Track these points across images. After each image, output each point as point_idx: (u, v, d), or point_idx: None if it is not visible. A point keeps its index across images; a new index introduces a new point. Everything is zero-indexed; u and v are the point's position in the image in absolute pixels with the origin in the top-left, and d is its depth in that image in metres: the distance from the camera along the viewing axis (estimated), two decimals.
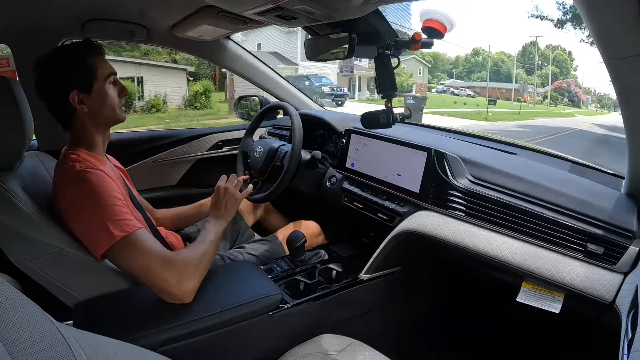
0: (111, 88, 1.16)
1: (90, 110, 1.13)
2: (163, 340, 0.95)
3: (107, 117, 1.17)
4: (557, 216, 1.04)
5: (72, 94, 1.10)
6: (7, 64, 1.59)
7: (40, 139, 1.66)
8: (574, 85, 55.27)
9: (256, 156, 1.79)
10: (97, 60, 1.14)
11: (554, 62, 59.11)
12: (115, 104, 1.17)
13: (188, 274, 1.02)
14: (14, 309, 0.41)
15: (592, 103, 53.90)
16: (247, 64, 2.05)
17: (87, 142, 1.16)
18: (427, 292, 1.63)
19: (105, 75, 1.14)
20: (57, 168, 1.10)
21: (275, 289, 1.15)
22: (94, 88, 1.12)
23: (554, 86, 51.92)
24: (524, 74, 58.17)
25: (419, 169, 1.32)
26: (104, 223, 0.98)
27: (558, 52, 62.61)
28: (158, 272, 0.99)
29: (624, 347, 0.66)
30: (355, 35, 1.24)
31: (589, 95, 57.08)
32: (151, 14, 1.45)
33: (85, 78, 1.11)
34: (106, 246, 0.98)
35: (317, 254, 1.54)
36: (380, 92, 1.11)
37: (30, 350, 0.39)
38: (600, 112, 45.75)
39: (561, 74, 59.30)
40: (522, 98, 39.55)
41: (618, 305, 0.87)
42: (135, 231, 1.01)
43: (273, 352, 1.13)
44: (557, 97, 52.54)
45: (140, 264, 0.99)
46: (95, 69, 1.13)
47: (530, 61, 61.30)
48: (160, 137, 2.04)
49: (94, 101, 1.13)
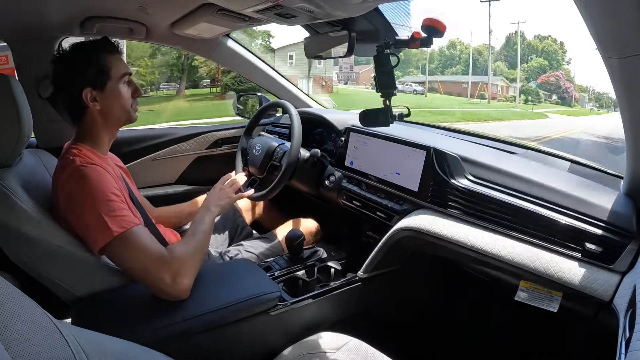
0: (125, 88, 1.17)
1: (103, 109, 1.14)
2: (162, 338, 0.95)
3: (118, 116, 1.17)
4: (555, 215, 1.04)
5: (86, 91, 1.10)
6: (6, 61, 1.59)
7: (39, 137, 1.66)
8: (564, 79, 48.61)
9: (255, 154, 1.79)
10: (112, 59, 1.15)
11: (542, 54, 53.00)
12: (127, 104, 1.18)
13: (183, 273, 1.02)
14: (12, 306, 0.41)
15: (590, 102, 48.79)
16: (247, 62, 2.05)
17: (93, 139, 1.16)
18: (425, 291, 1.63)
19: (119, 75, 1.15)
20: (59, 162, 1.11)
21: (273, 286, 1.15)
22: (107, 86, 1.13)
23: (540, 80, 47.19)
24: (506, 67, 51.60)
25: (418, 168, 1.32)
26: (101, 218, 0.98)
27: (547, 43, 55.72)
28: (153, 272, 1.00)
29: (622, 347, 0.67)
30: (354, 34, 1.24)
31: (586, 93, 50.50)
32: (150, 11, 1.44)
33: (99, 76, 1.12)
34: (103, 241, 0.98)
35: (315, 252, 1.54)
36: (379, 91, 1.11)
37: (29, 348, 0.39)
38: (596, 112, 40.95)
39: (551, 67, 52.31)
40: (489, 94, 34.15)
41: (616, 305, 0.88)
42: (132, 228, 1.01)
43: (272, 349, 1.13)
44: (541, 94, 46.07)
45: (136, 262, 1.00)
46: (109, 67, 1.13)
47: (514, 53, 53.06)
48: (160, 134, 2.04)
49: (107, 99, 1.14)
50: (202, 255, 1.11)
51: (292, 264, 1.45)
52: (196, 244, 1.11)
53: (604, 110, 43.83)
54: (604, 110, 43.83)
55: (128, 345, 0.57)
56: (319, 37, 1.37)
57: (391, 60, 1.09)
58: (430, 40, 1.07)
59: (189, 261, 1.05)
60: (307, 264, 1.44)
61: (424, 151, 1.31)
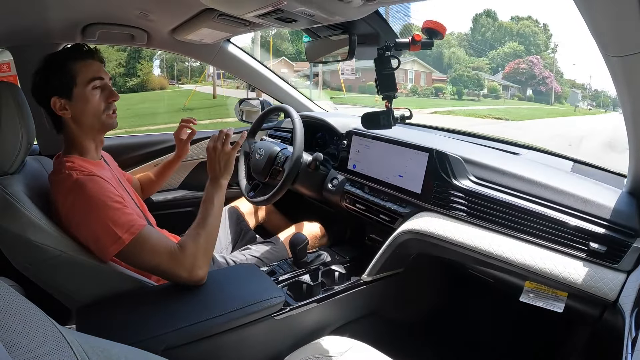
0: (94, 93, 1.13)
1: (74, 116, 1.12)
2: (166, 344, 0.94)
3: (91, 123, 1.14)
4: (559, 215, 1.04)
5: (53, 99, 1.09)
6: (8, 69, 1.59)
7: (41, 143, 1.67)
8: (540, 65, 36.61)
9: (257, 159, 1.79)
10: (80, 65, 1.12)
11: (516, 37, 42.00)
12: (98, 110, 1.14)
13: (197, 265, 1.05)
14: (16, 313, 0.41)
15: (585, 99, 38.20)
16: (248, 67, 2.06)
17: (79, 148, 1.15)
18: (430, 294, 1.63)
19: (86, 81, 1.12)
20: (53, 176, 1.10)
21: (278, 291, 1.15)
22: (74, 93, 1.11)
23: (508, 69, 36.96)
24: (464, 54, 41.45)
25: (421, 170, 1.32)
26: (109, 227, 0.99)
27: (524, 24, 43.59)
28: (168, 269, 1.04)
29: (628, 346, 0.66)
30: (355, 37, 1.24)
31: (580, 89, 39.58)
32: (151, 17, 1.45)
33: (64, 83, 1.10)
34: (116, 250, 1.00)
35: (319, 255, 1.54)
36: (380, 93, 1.12)
37: (34, 355, 0.39)
38: (587, 112, 31.98)
39: (528, 54, 40.20)
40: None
41: (621, 304, 0.87)
42: (141, 230, 1.02)
43: (276, 354, 1.13)
44: (498, 87, 35.01)
45: (150, 262, 1.03)
46: (74, 74, 1.11)
47: (481, 37, 42.54)
48: (162, 140, 2.04)
49: (76, 107, 1.11)
50: (213, 242, 1.13)
51: (296, 268, 1.45)
52: (207, 232, 1.11)
53: (601, 110, 34.92)
54: (601, 110, 34.92)
55: (133, 352, 0.57)
56: (320, 40, 1.38)
57: (392, 63, 1.10)
58: (431, 42, 1.07)
59: (202, 254, 1.07)
60: (311, 268, 1.44)
61: (426, 153, 1.30)
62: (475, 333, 1.58)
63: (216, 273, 1.19)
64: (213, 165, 1.21)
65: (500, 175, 1.19)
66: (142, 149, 1.98)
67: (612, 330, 0.95)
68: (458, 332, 1.61)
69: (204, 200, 1.17)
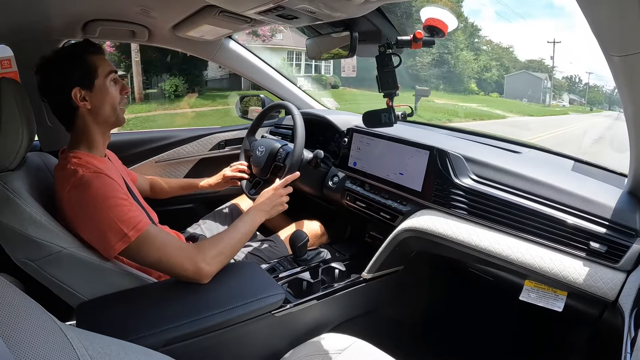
0: (112, 85, 1.17)
1: (93, 107, 1.14)
2: (166, 340, 0.95)
3: (108, 114, 1.17)
4: (560, 214, 1.04)
5: (75, 90, 1.11)
6: (10, 65, 1.59)
7: (42, 140, 1.67)
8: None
9: (258, 155, 1.79)
10: (98, 58, 1.16)
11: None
12: (116, 102, 1.18)
13: (206, 260, 1.06)
14: (17, 309, 0.42)
15: (569, 93, 31.41)
16: (249, 63, 2.05)
17: (88, 142, 1.17)
18: (430, 291, 1.63)
19: (106, 73, 1.16)
20: (58, 171, 1.11)
21: (278, 288, 1.15)
22: (95, 85, 1.14)
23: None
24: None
25: (422, 168, 1.31)
26: (115, 224, 1.00)
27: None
28: (174, 265, 1.05)
29: (627, 346, 0.66)
30: (356, 34, 1.24)
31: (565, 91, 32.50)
32: (152, 14, 1.44)
33: (87, 75, 1.13)
34: (121, 247, 1.01)
35: (319, 253, 1.54)
36: (381, 91, 1.11)
37: (34, 351, 0.39)
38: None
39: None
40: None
41: (621, 304, 0.87)
42: (147, 228, 1.03)
43: (276, 351, 1.13)
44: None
45: (156, 258, 1.04)
46: (96, 66, 1.14)
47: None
48: (163, 137, 2.04)
49: (96, 98, 1.14)
50: (230, 250, 1.14)
51: (296, 265, 1.45)
52: (231, 240, 1.15)
53: (587, 109, 27.08)
54: (587, 109, 27.08)
55: (133, 348, 0.57)
56: (321, 38, 1.37)
57: (393, 60, 1.10)
58: (433, 40, 1.07)
59: (214, 252, 1.09)
60: (311, 266, 1.44)
61: (427, 151, 1.30)
62: (475, 331, 1.58)
63: None
64: (269, 202, 1.32)
65: (501, 174, 1.19)
66: (143, 145, 1.99)
67: (611, 330, 0.95)
68: (457, 330, 1.61)
69: (240, 218, 1.24)
